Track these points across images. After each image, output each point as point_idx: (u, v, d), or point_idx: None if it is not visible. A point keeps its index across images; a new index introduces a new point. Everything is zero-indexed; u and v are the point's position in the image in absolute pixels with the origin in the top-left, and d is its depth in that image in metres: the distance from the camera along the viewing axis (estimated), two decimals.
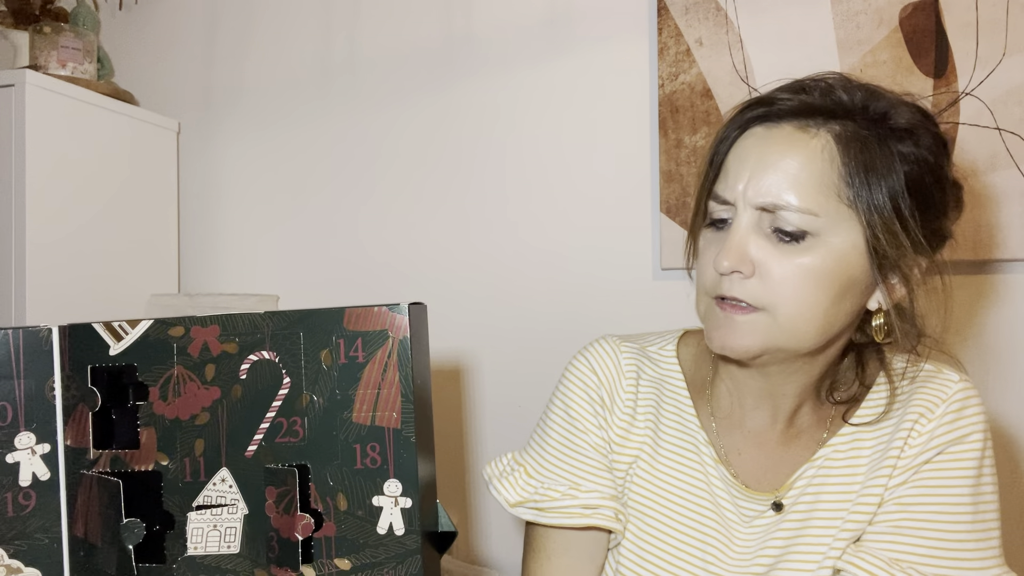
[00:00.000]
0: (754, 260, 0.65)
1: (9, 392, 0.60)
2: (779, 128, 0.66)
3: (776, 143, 0.65)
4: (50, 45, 1.39)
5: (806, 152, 0.64)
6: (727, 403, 0.76)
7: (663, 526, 0.73)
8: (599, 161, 1.30)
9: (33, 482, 0.61)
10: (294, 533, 0.61)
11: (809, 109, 0.66)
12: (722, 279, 0.66)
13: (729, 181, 0.67)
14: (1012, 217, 1.04)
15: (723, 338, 0.66)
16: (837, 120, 0.65)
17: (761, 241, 0.65)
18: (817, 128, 0.65)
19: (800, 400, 0.73)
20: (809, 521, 0.70)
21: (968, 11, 1.06)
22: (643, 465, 0.75)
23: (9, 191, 1.24)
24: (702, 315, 0.70)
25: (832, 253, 0.64)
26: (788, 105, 0.66)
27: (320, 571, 0.62)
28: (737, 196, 0.66)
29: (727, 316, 0.66)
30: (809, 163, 0.64)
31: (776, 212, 0.64)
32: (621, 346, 0.80)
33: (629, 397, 0.77)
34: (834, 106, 0.66)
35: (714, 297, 0.67)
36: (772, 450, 0.74)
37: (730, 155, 0.68)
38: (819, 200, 0.63)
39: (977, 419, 0.69)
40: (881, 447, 0.70)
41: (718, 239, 0.68)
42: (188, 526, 0.62)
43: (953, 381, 0.70)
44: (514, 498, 0.76)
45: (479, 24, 1.38)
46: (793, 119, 0.66)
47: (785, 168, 0.64)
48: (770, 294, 0.64)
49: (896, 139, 0.65)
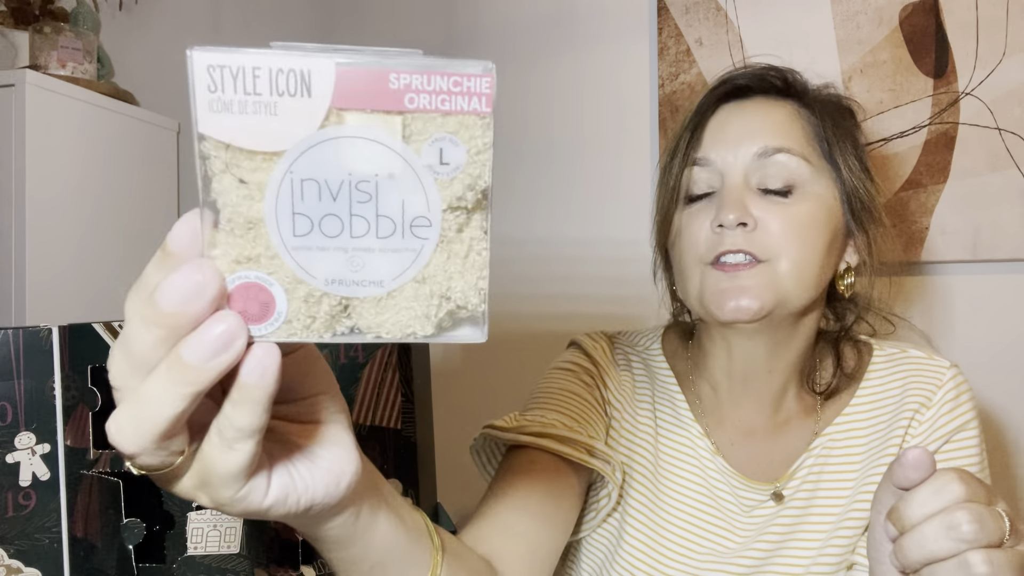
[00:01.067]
0: (754, 216, 0.67)
1: (9, 392, 0.60)
2: (750, 100, 0.72)
3: (755, 107, 0.71)
4: (50, 45, 1.39)
5: (785, 112, 0.71)
6: (711, 396, 0.76)
7: (666, 523, 0.73)
8: (599, 161, 1.30)
9: (33, 482, 0.61)
10: (294, 533, 0.61)
11: (771, 87, 0.73)
12: (723, 237, 0.66)
13: (714, 143, 0.70)
14: (1012, 217, 1.04)
15: (736, 299, 0.65)
16: (793, 97, 0.72)
17: (754, 199, 0.68)
18: (783, 101, 0.72)
19: (785, 381, 0.73)
20: (808, 510, 0.70)
21: (968, 11, 1.06)
22: (645, 463, 0.75)
23: (9, 191, 1.24)
24: (697, 292, 0.69)
25: (819, 203, 0.68)
26: (753, 83, 0.72)
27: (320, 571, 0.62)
28: (724, 155, 0.69)
29: (731, 277, 0.66)
30: (791, 120, 0.70)
31: (772, 157, 0.67)
32: (613, 339, 0.81)
33: (625, 387, 0.78)
34: (791, 85, 0.73)
35: (711, 262, 0.67)
36: (762, 440, 0.74)
37: (710, 124, 0.72)
38: (807, 150, 0.69)
39: (972, 404, 0.70)
40: (879, 435, 0.71)
41: (703, 207, 0.70)
42: (188, 526, 0.62)
43: (945, 367, 0.71)
44: (507, 425, 0.70)
45: (478, 24, 1.38)
46: (759, 94, 0.72)
47: (774, 119, 0.70)
48: (774, 245, 0.66)
49: (842, 115, 0.73)
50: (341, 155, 0.28)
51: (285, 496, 0.34)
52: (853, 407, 0.73)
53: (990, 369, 1.08)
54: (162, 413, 0.29)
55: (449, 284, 0.30)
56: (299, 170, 0.28)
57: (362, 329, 0.30)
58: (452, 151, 0.29)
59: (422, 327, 0.30)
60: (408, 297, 0.30)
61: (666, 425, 0.76)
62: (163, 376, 0.28)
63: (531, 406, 0.74)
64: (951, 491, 0.46)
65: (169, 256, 0.29)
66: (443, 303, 0.30)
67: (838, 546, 0.69)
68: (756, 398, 0.74)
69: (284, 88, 0.27)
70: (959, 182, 1.06)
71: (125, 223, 1.45)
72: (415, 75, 0.28)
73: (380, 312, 0.30)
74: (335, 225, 0.28)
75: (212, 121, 0.27)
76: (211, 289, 0.28)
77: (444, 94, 0.28)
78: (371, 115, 0.28)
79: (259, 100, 0.27)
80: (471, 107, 0.28)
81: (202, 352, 0.28)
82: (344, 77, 0.27)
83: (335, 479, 0.36)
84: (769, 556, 0.70)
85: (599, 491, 0.73)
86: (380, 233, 0.29)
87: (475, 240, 0.30)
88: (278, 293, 0.29)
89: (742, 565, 0.70)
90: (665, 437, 0.76)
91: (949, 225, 1.06)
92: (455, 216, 0.29)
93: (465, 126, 0.29)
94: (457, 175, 0.29)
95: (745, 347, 0.72)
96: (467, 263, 0.30)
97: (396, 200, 0.29)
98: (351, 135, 0.28)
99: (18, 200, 1.23)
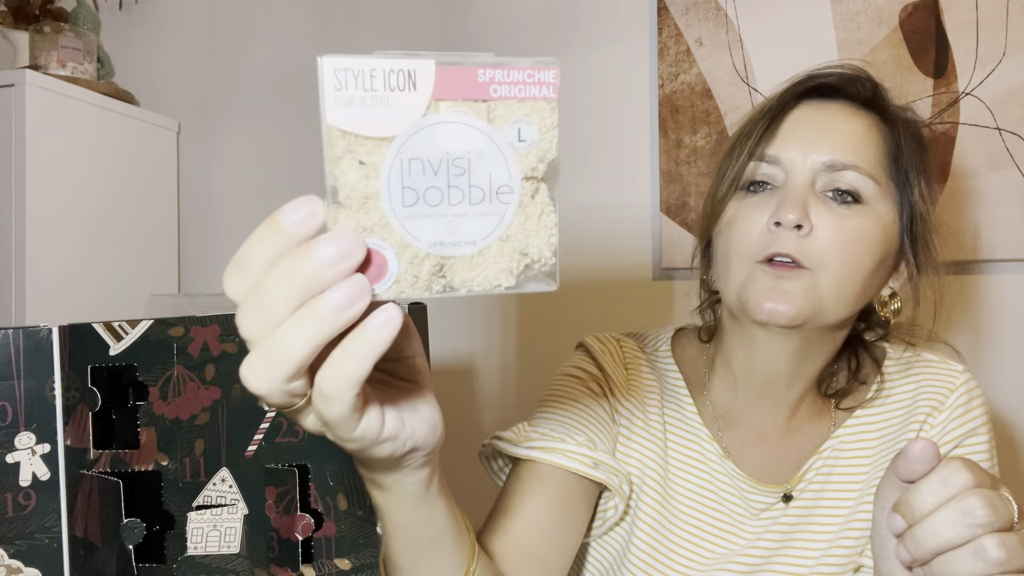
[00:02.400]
0: (812, 221, 0.65)
1: (9, 392, 0.60)
2: (834, 102, 0.70)
3: (836, 112, 0.69)
4: (50, 45, 1.39)
5: (864, 124, 0.68)
6: (727, 398, 0.76)
7: (674, 528, 0.73)
8: (599, 161, 1.30)
9: (33, 482, 0.61)
10: (294, 533, 0.61)
11: (858, 95, 0.70)
12: (775, 237, 0.65)
13: (787, 142, 0.68)
14: (1012, 217, 1.04)
15: (775, 302, 0.64)
16: (876, 110, 0.70)
17: (815, 203, 0.66)
18: (866, 112, 0.70)
19: (806, 388, 0.73)
20: (813, 511, 0.70)
21: (968, 11, 1.06)
22: (655, 468, 0.75)
23: (9, 191, 1.24)
24: (739, 286, 0.67)
25: (879, 222, 0.67)
26: (841, 85, 0.70)
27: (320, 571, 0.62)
28: (794, 156, 0.67)
29: (776, 279, 0.65)
30: (868, 133, 0.68)
31: (840, 172, 0.66)
32: (621, 342, 0.80)
33: (634, 392, 0.77)
34: (877, 100, 0.71)
35: (761, 260, 0.66)
36: (775, 443, 0.74)
37: (787, 119, 0.70)
38: (877, 169, 0.67)
39: (984, 409, 0.70)
40: (889, 438, 0.71)
41: (762, 200, 0.68)
42: (188, 526, 0.62)
43: (958, 371, 0.71)
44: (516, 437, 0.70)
45: (478, 23, 1.38)
46: (845, 99, 0.70)
47: (852, 131, 0.67)
48: (822, 254, 0.64)
49: (917, 139, 0.71)
50: (440, 137, 0.34)
51: (396, 433, 0.39)
52: (865, 409, 0.73)
53: (988, 369, 1.08)
54: (291, 356, 0.33)
55: (527, 241, 0.36)
56: (407, 151, 0.34)
57: (455, 286, 0.35)
58: (527, 130, 0.35)
59: (506, 279, 0.36)
60: (495, 254, 0.36)
61: (674, 429, 0.76)
62: (298, 324, 0.33)
63: (539, 415, 0.74)
64: (959, 479, 0.46)
65: (280, 232, 0.33)
66: (522, 258, 0.36)
67: (845, 547, 0.68)
68: (772, 403, 0.74)
69: (395, 84, 0.33)
70: (959, 182, 1.06)
71: (125, 223, 1.45)
72: (497, 70, 0.34)
73: (472, 268, 0.35)
74: (436, 196, 0.34)
75: (338, 114, 0.33)
76: (361, 251, 0.33)
77: (520, 84, 0.35)
78: (463, 103, 0.34)
79: (376, 95, 0.33)
80: (541, 94, 0.35)
81: (343, 300, 0.33)
82: (442, 73, 0.34)
83: (432, 428, 0.42)
84: (772, 555, 0.70)
85: (607, 501, 0.73)
86: (472, 200, 0.35)
87: (545, 204, 0.36)
88: (391, 256, 0.34)
89: (744, 563, 0.70)
90: (674, 442, 0.76)
91: (949, 225, 1.06)
92: (530, 184, 0.36)
93: (536, 110, 0.35)
94: (532, 150, 0.35)
95: (770, 351, 0.70)
96: (540, 223, 0.36)
97: (485, 172, 0.35)
98: (448, 120, 0.34)
99: (18, 200, 1.23)
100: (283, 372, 0.34)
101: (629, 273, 1.29)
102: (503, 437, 0.71)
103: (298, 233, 0.33)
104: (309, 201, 0.34)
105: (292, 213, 0.33)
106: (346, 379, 0.34)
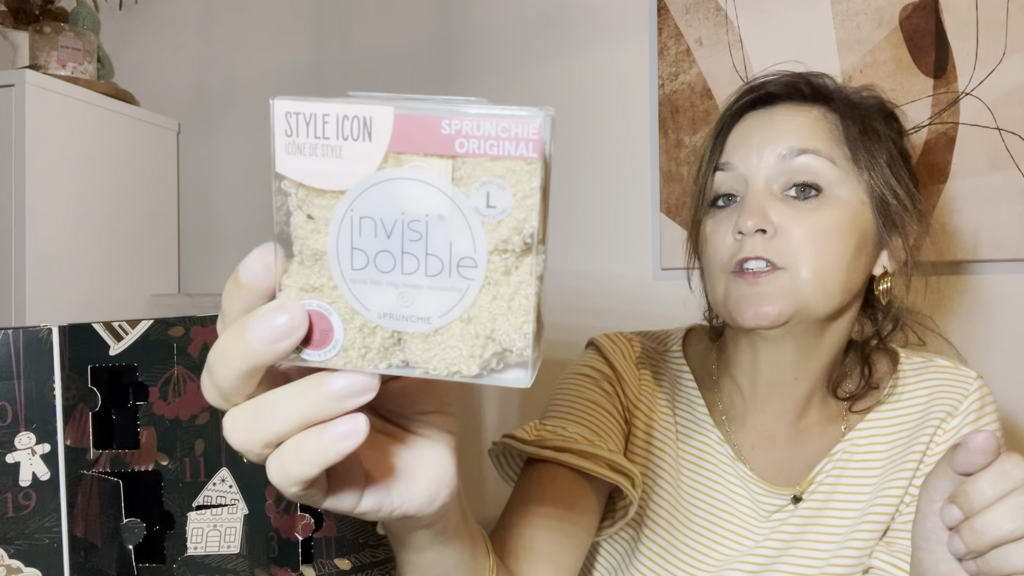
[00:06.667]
0: (774, 222, 0.66)
1: (9, 392, 0.60)
2: (778, 106, 0.71)
3: (782, 113, 0.70)
4: (50, 45, 1.39)
5: (812, 116, 0.69)
6: (735, 400, 0.76)
7: (684, 528, 0.73)
8: (599, 161, 1.30)
9: (33, 482, 0.61)
10: (294, 533, 0.61)
11: (799, 93, 0.72)
12: (743, 244, 0.66)
13: (738, 148, 0.70)
14: (1012, 217, 1.04)
15: (755, 306, 0.65)
16: (820, 101, 0.71)
17: (776, 204, 0.67)
18: (811, 106, 0.71)
19: (811, 388, 0.73)
20: (822, 512, 0.70)
21: (968, 11, 1.06)
22: (667, 467, 0.75)
23: (9, 191, 1.24)
24: (721, 298, 0.69)
25: (844, 207, 0.67)
26: (779, 91, 0.72)
27: (320, 571, 0.62)
28: (748, 159, 0.68)
29: (751, 284, 0.66)
30: (818, 122, 0.69)
31: (796, 159, 0.67)
32: (632, 341, 0.80)
33: (646, 391, 0.77)
34: (818, 90, 0.72)
35: (732, 270, 0.67)
36: (784, 446, 0.74)
37: (734, 131, 0.71)
38: (834, 151, 0.68)
39: (996, 415, 0.71)
40: (902, 443, 0.71)
41: (728, 214, 0.70)
42: (188, 526, 0.62)
43: (972, 377, 0.72)
44: (527, 436, 0.70)
45: (477, 23, 1.38)
46: (786, 101, 0.71)
47: (800, 123, 0.69)
48: (794, 251, 0.66)
49: (875, 119, 0.71)
50: (396, 195, 0.30)
51: (378, 507, 0.36)
52: (878, 414, 0.73)
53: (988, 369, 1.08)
54: (277, 428, 0.31)
55: (494, 326, 0.31)
56: (359, 208, 0.30)
57: (412, 363, 0.31)
58: (499, 195, 0.29)
59: (467, 366, 0.31)
60: (455, 335, 0.31)
61: (685, 429, 0.76)
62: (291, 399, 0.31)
63: (550, 415, 0.74)
64: (1020, 472, 0.46)
65: (241, 287, 0.31)
66: (488, 344, 0.31)
67: (854, 548, 0.69)
68: (781, 404, 0.74)
69: (348, 132, 0.29)
70: (959, 182, 1.06)
71: (125, 223, 1.45)
72: (465, 121, 0.29)
73: (428, 348, 0.31)
74: (388, 261, 0.30)
75: (288, 162, 0.31)
76: (301, 331, 0.30)
77: (492, 139, 0.29)
78: (425, 158, 0.29)
79: (327, 143, 0.30)
80: (518, 152, 0.29)
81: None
82: (401, 123, 0.29)
83: (431, 497, 0.37)
84: (780, 555, 0.70)
85: (617, 501, 0.73)
86: (429, 271, 0.30)
87: (522, 284, 0.30)
88: (336, 322, 0.31)
89: (752, 563, 0.70)
90: (685, 442, 0.76)
91: (949, 225, 1.06)
92: (502, 259, 0.30)
93: (512, 171, 0.29)
94: (504, 219, 0.30)
95: (771, 353, 0.72)
96: (512, 306, 0.30)
97: (444, 240, 0.30)
98: (405, 177, 0.30)
99: (18, 200, 1.23)
100: (264, 439, 0.31)
101: (629, 273, 1.29)
102: (515, 436, 0.71)
103: (255, 288, 0.31)
104: (264, 252, 0.31)
105: (247, 269, 0.31)
106: (288, 476, 0.31)
